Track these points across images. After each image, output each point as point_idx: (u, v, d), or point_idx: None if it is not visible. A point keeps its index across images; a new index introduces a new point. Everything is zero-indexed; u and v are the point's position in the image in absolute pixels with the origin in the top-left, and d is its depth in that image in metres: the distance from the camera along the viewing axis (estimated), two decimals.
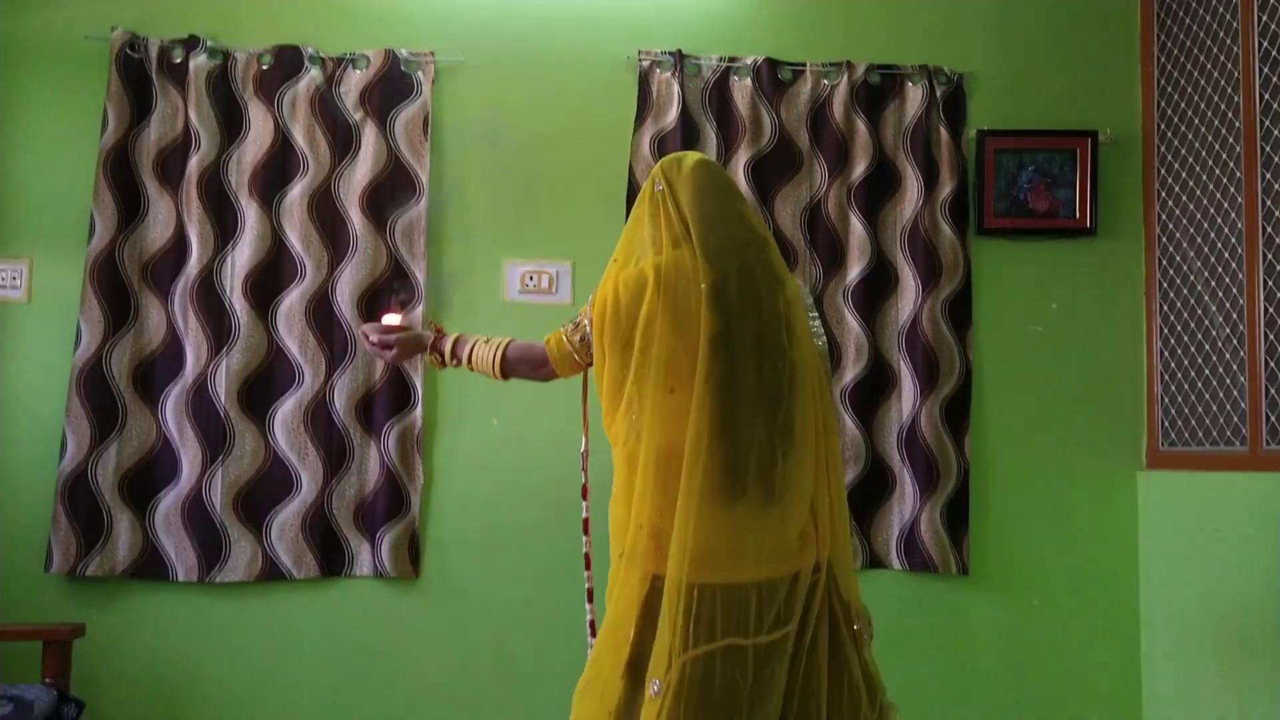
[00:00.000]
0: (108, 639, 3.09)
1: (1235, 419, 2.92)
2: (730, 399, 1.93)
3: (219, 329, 3.20)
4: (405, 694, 3.23)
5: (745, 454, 1.92)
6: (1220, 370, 2.99)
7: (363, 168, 3.28)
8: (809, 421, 2.00)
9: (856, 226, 3.35)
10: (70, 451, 3.11)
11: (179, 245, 3.23)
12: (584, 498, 2.22)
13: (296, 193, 3.25)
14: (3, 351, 3.21)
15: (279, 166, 3.27)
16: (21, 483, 3.16)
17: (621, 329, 2.00)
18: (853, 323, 3.33)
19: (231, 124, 3.28)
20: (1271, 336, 2.78)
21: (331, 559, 3.20)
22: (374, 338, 2.31)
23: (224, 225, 3.24)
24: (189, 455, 3.16)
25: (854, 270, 3.35)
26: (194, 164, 3.22)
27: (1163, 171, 3.32)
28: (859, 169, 3.36)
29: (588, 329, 2.08)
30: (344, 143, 3.30)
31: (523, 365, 2.19)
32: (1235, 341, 2.92)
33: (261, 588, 3.17)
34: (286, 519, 3.17)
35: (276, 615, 3.18)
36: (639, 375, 1.98)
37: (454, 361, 2.26)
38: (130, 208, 3.22)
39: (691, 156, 2.14)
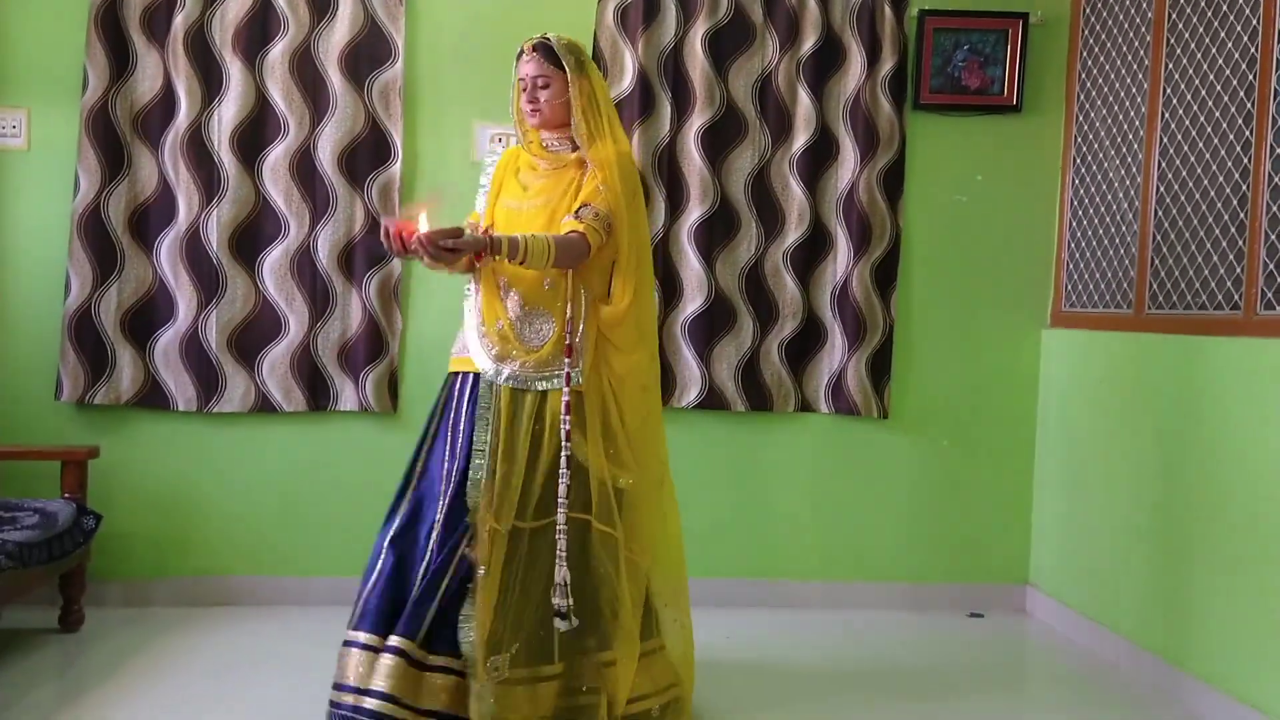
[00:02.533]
0: (118, 461, 3.42)
1: (1125, 285, 3.29)
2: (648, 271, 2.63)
3: (209, 181, 3.43)
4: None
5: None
6: (1117, 240, 3.35)
7: (340, 28, 3.45)
8: None
9: (803, 99, 3.61)
10: (74, 291, 3.38)
11: (167, 99, 3.42)
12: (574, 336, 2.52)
13: (278, 52, 3.43)
14: (6, 197, 3.43)
15: (260, 25, 3.43)
16: (30, 318, 3.43)
17: (636, 199, 2.52)
18: (796, 190, 3.63)
19: None
20: (1159, 212, 3.13)
21: (318, 395, 3.52)
22: (443, 242, 2.28)
23: (210, 81, 3.42)
24: (185, 298, 3.44)
25: (799, 140, 3.62)
26: (179, 19, 3.38)
27: (1085, 54, 3.59)
28: (808, 43, 3.59)
29: (608, 215, 2.45)
30: (321, 2, 3.46)
31: (567, 256, 2.40)
32: (1131, 215, 3.27)
33: (255, 419, 3.51)
34: (276, 357, 3.48)
35: (270, 443, 3.53)
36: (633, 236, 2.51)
37: (498, 258, 2.38)
38: (120, 62, 3.39)
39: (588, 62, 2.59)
